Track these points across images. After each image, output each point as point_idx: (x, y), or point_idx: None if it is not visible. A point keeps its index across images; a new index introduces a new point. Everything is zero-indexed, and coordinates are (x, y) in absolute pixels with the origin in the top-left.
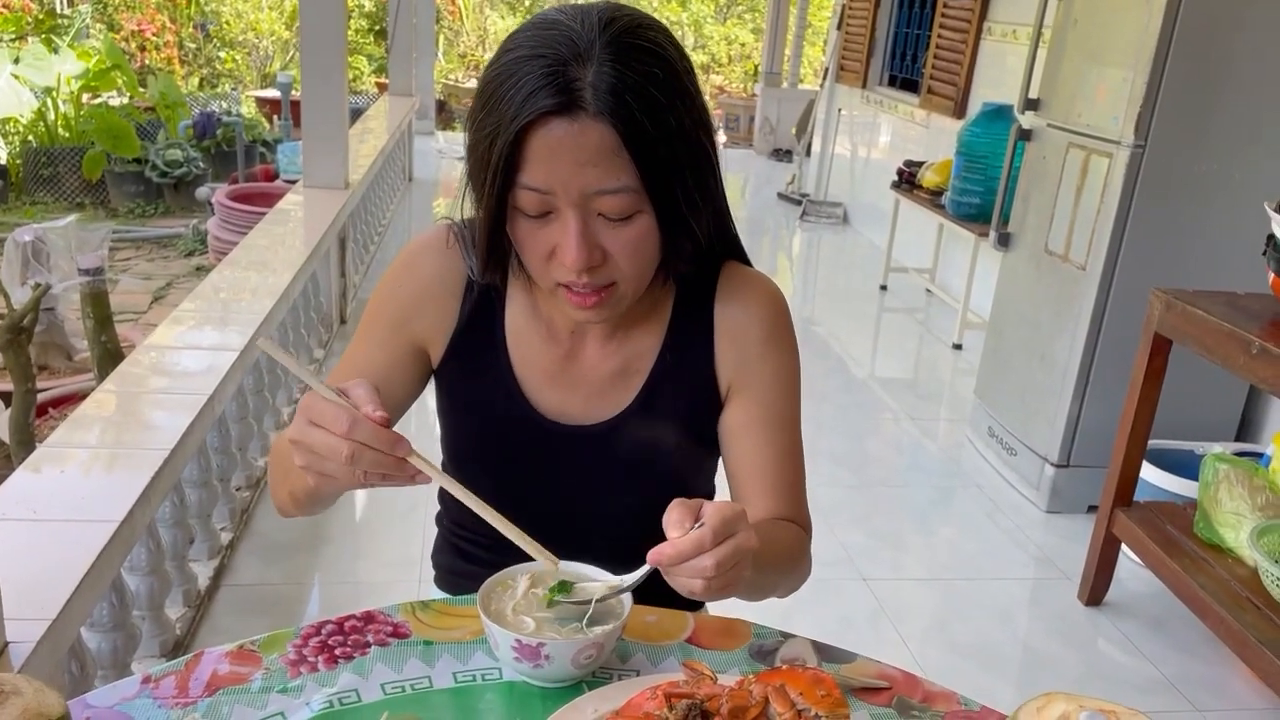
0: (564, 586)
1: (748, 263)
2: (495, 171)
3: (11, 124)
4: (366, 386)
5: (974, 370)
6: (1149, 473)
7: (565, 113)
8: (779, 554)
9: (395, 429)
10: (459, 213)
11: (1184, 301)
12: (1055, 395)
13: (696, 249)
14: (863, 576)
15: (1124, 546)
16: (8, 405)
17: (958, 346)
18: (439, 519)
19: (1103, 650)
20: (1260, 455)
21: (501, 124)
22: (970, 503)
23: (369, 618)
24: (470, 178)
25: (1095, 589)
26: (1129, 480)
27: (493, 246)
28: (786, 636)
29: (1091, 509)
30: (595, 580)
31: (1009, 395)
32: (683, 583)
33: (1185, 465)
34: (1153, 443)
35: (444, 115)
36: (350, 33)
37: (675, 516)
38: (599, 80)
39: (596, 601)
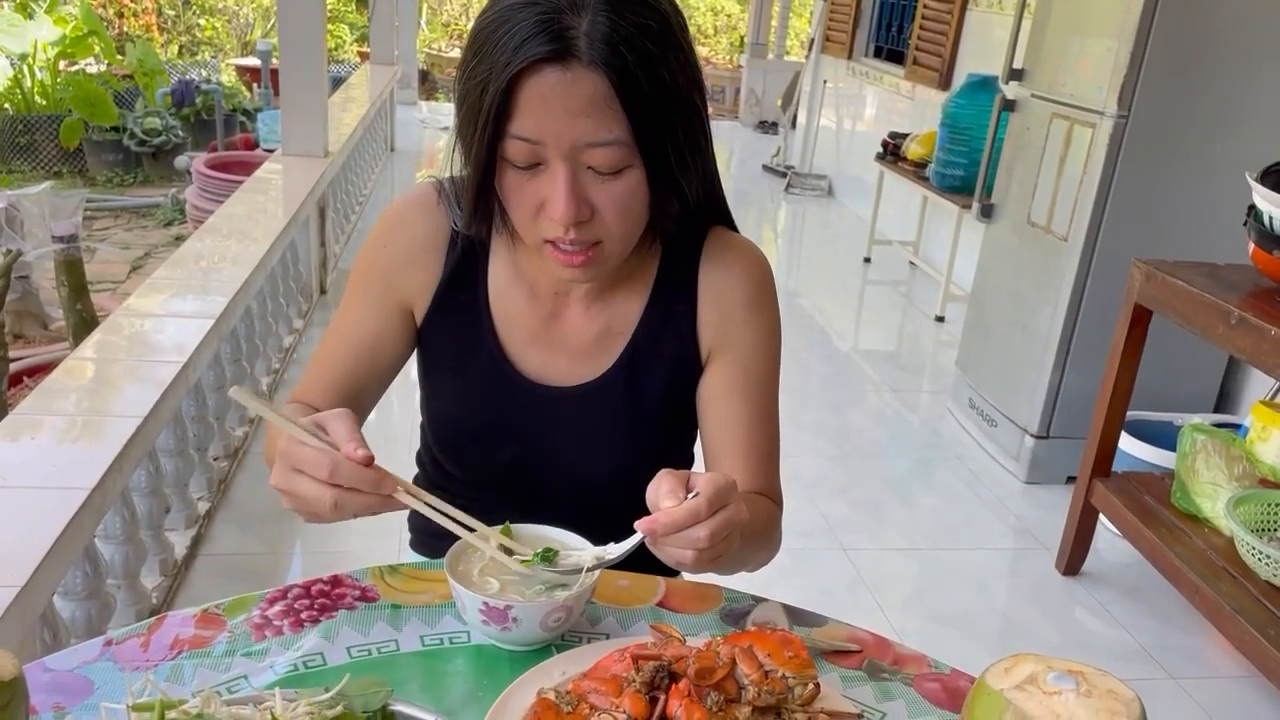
0: (548, 555)
1: (735, 229)
2: (486, 120)
3: None
4: (346, 420)
5: (956, 342)
6: (1127, 443)
7: (558, 61)
8: (756, 529)
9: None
10: (445, 171)
11: (1164, 272)
12: (1036, 367)
13: (684, 209)
14: (842, 546)
15: (1102, 517)
16: None
17: (940, 319)
18: (416, 480)
19: (1079, 619)
20: (1238, 426)
21: (493, 71)
22: (950, 474)
23: (336, 581)
24: (459, 130)
25: (1073, 559)
26: (1108, 451)
27: (480, 199)
28: (758, 600)
29: (1070, 480)
30: (575, 549)
31: (990, 367)
32: (672, 553)
33: (1163, 436)
34: (1131, 414)
35: (427, 85)
36: (332, 0)
37: (667, 486)
38: (593, 29)
39: (585, 570)
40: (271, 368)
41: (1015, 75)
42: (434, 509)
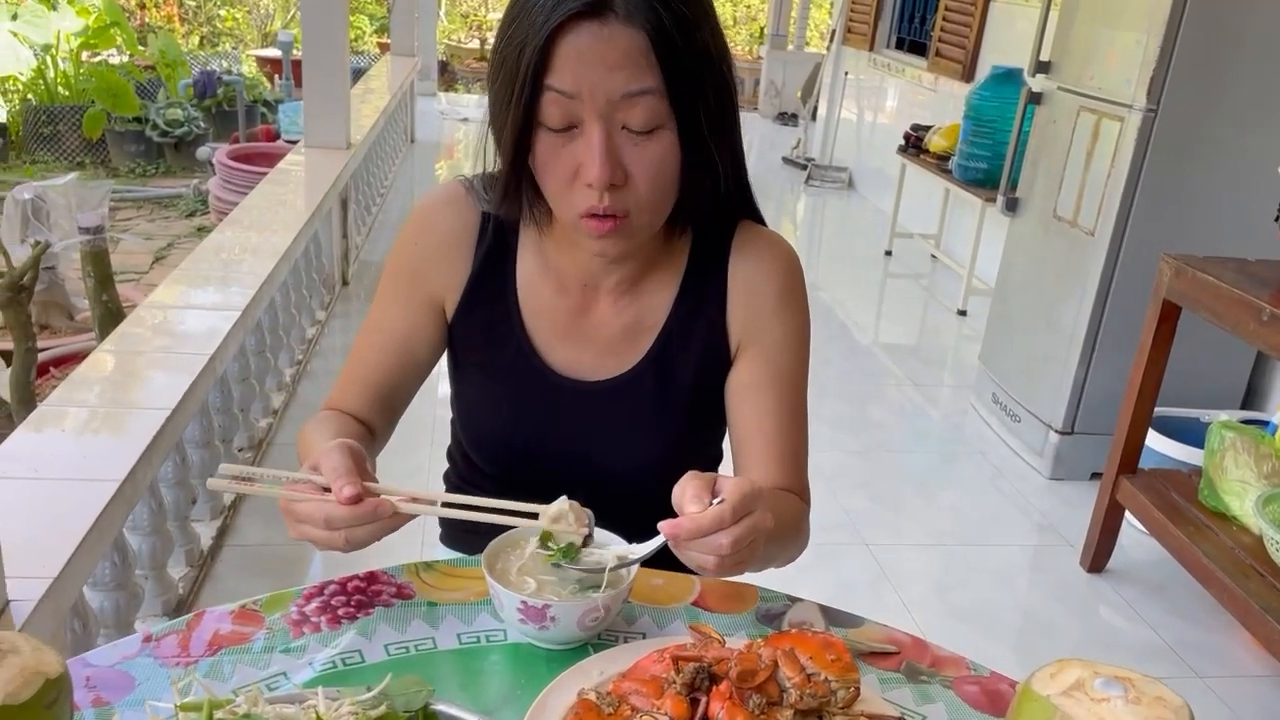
0: (569, 550)
1: (763, 222)
2: (524, 78)
3: (11, 82)
4: (338, 454)
5: (979, 337)
6: (1154, 440)
7: (595, 15)
8: (784, 527)
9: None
10: (471, 160)
11: (1194, 267)
12: (1061, 362)
13: (714, 191)
14: (864, 541)
15: (1127, 514)
16: (8, 364)
17: (962, 313)
18: (446, 476)
19: (1104, 616)
20: (1266, 423)
21: (531, 31)
22: (973, 469)
23: (372, 578)
24: (494, 102)
25: (1098, 556)
26: (1134, 447)
27: (514, 171)
28: (794, 600)
29: (1095, 476)
30: (603, 546)
31: (1014, 362)
32: (694, 558)
33: (1191, 433)
34: (1158, 410)
35: (446, 76)
36: None
37: (692, 490)
38: None
39: (608, 570)
40: (295, 359)
41: (1042, 68)
42: (451, 506)
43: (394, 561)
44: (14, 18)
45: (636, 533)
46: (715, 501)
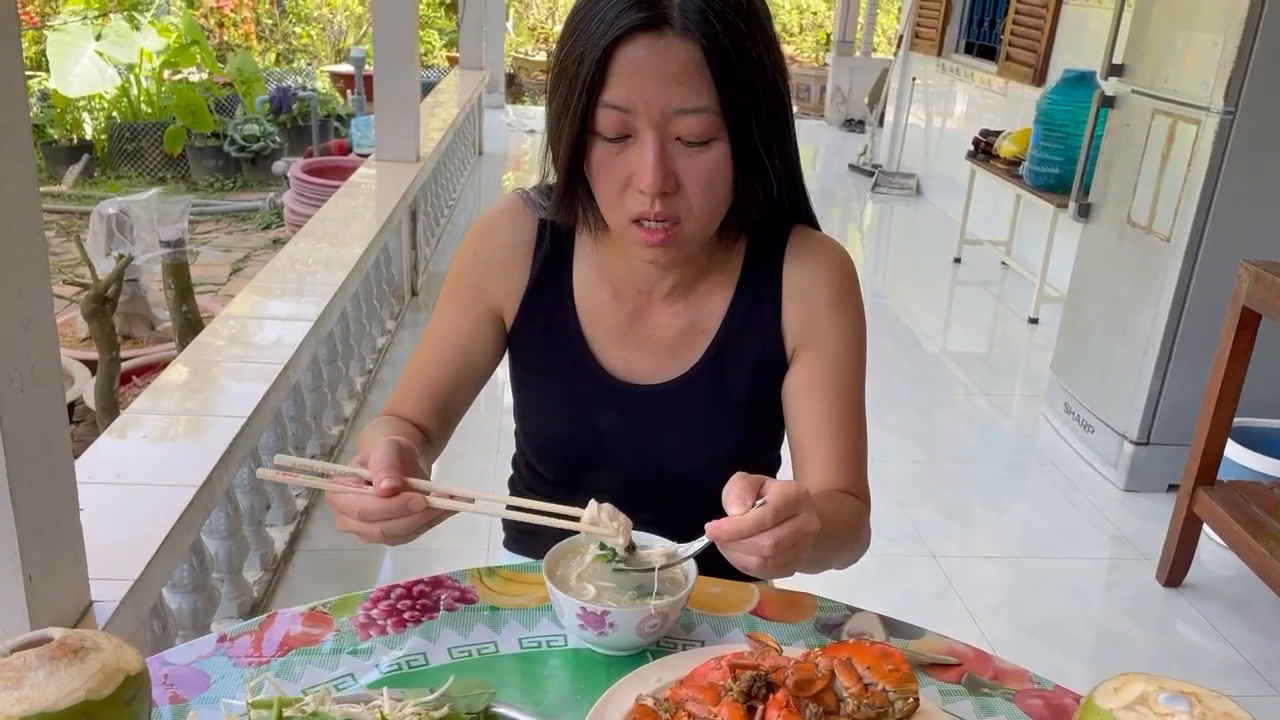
0: (610, 552)
1: (817, 227)
2: (581, 91)
3: (97, 100)
4: (384, 449)
5: (1050, 345)
6: (1234, 451)
7: (652, 29)
8: (839, 529)
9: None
10: (537, 179)
11: (1274, 274)
12: (1136, 371)
13: (767, 196)
14: (932, 553)
15: (1205, 527)
16: (94, 373)
17: (1034, 321)
18: (512, 483)
19: (1180, 632)
20: None
21: (590, 44)
22: (1045, 480)
23: (437, 582)
24: (552, 115)
25: (1174, 569)
26: (1212, 458)
27: (570, 179)
28: (853, 611)
29: (1172, 488)
30: (654, 548)
31: (1087, 371)
32: (739, 558)
33: (1272, 444)
34: (1238, 420)
35: (514, 89)
36: (422, 7)
37: (736, 492)
38: (687, 2)
39: (656, 569)
40: (365, 368)
41: (1115, 71)
42: (468, 503)
43: (459, 565)
44: (98, 37)
45: (696, 533)
46: (758, 503)
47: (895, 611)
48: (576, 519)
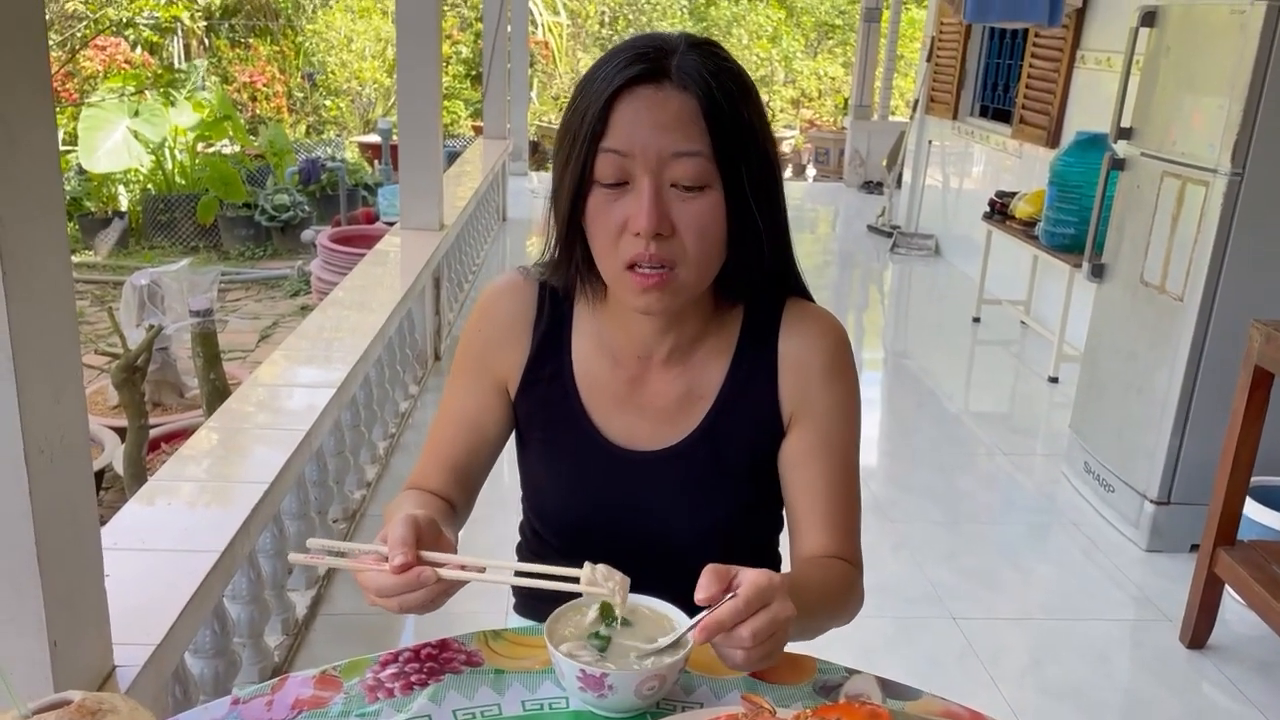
0: (608, 611)
1: (811, 299)
2: (583, 140)
3: (132, 173)
4: (400, 527)
5: (1070, 404)
6: (1254, 510)
7: (652, 80)
8: (827, 596)
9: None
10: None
11: None
12: (1154, 430)
13: (759, 261)
14: (951, 615)
15: (1228, 587)
16: (123, 440)
17: (1054, 380)
18: (519, 549)
19: (1206, 694)
20: None
21: (593, 99)
22: (1066, 540)
23: (444, 646)
24: (557, 169)
25: (1198, 631)
26: (1231, 518)
27: (570, 233)
28: (852, 672)
29: (1194, 548)
30: (659, 612)
31: (1106, 430)
32: (725, 653)
33: None
34: (1257, 479)
35: (537, 156)
36: (448, 79)
37: (704, 583)
38: (684, 62)
39: (638, 659)
40: (389, 432)
41: (1124, 134)
42: (476, 574)
43: (474, 629)
44: (134, 114)
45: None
46: (728, 598)
47: (916, 675)
48: (577, 579)
